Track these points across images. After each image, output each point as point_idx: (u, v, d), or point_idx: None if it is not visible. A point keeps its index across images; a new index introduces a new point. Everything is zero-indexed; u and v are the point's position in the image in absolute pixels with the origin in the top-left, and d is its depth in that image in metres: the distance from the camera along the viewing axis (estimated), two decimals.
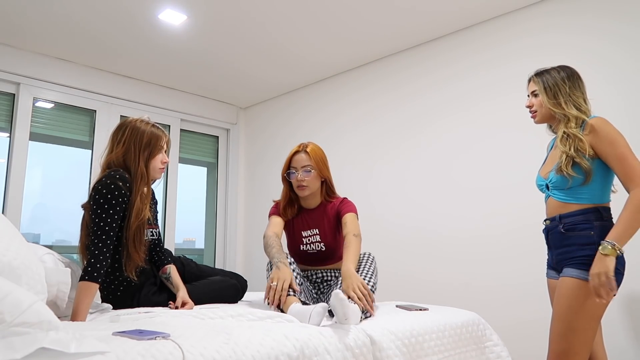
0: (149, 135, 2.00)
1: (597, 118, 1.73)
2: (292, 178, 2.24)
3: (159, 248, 2.16)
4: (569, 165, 1.70)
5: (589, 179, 1.69)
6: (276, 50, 3.50)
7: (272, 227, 2.23)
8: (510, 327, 2.60)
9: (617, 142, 1.66)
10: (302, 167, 2.22)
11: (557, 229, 1.77)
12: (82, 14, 2.99)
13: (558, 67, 1.86)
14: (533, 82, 1.89)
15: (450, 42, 3.23)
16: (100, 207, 1.78)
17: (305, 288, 2.06)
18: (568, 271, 1.70)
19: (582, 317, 1.63)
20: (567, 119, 1.76)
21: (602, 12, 2.58)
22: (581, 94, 1.81)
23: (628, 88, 2.46)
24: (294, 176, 2.23)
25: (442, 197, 3.14)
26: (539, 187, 1.90)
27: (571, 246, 1.72)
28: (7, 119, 3.46)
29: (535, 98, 1.87)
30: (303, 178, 2.20)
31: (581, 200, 1.72)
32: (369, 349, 1.52)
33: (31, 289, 1.35)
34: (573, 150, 1.69)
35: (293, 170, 2.23)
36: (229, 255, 4.53)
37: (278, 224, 2.26)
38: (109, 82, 3.87)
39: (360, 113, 3.73)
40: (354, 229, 2.11)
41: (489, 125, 2.97)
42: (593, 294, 1.59)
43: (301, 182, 2.20)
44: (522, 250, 2.71)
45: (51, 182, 3.80)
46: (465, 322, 1.94)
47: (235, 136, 4.75)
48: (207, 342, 1.21)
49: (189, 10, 2.98)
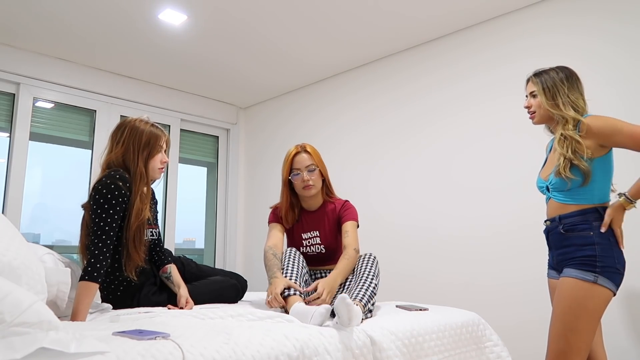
0: (148, 135, 1.99)
1: (589, 117, 1.73)
2: (296, 179, 2.23)
3: (159, 248, 2.16)
4: (567, 168, 1.70)
5: (587, 180, 1.69)
6: (276, 49, 3.50)
7: (272, 239, 2.23)
8: (510, 327, 2.60)
9: (617, 127, 1.67)
10: (305, 167, 2.21)
11: (557, 230, 1.78)
12: (82, 14, 2.99)
13: (556, 68, 1.86)
14: (532, 82, 1.89)
15: (450, 42, 3.23)
16: (100, 207, 1.78)
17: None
18: (568, 271, 1.71)
19: (581, 317, 1.64)
20: (565, 120, 1.76)
21: (602, 12, 2.58)
22: (580, 95, 1.81)
23: (628, 88, 2.45)
24: (298, 177, 2.22)
25: (442, 197, 3.13)
26: (539, 189, 1.91)
27: (571, 247, 1.72)
28: (7, 119, 3.46)
29: (534, 99, 1.87)
30: (309, 177, 2.20)
31: (580, 201, 1.73)
32: (369, 349, 1.52)
33: (31, 289, 1.35)
34: (571, 153, 1.70)
35: (296, 172, 2.22)
36: (229, 255, 4.53)
37: (278, 234, 2.26)
38: (109, 82, 3.87)
39: (360, 113, 3.73)
40: (355, 241, 2.13)
41: (489, 125, 2.97)
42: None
43: (307, 182, 2.20)
44: (522, 250, 2.71)
45: (51, 182, 3.80)
46: (465, 322, 1.94)
47: (235, 136, 4.75)
48: (207, 342, 1.21)
49: (189, 11, 2.98)
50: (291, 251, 2.13)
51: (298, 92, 4.28)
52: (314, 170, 2.22)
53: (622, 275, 1.67)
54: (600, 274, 1.64)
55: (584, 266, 1.66)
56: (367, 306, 1.81)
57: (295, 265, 2.04)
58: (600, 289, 1.63)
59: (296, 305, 1.74)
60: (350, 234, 2.15)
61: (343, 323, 1.55)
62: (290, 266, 2.03)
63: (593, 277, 1.64)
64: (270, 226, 2.32)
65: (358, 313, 1.63)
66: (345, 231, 2.16)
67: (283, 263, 2.06)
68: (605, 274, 1.64)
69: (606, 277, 1.64)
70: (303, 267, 2.07)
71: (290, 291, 1.87)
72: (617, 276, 1.66)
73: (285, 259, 2.09)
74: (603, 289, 1.63)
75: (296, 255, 2.10)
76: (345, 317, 1.53)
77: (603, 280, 1.63)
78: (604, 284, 1.63)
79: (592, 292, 1.63)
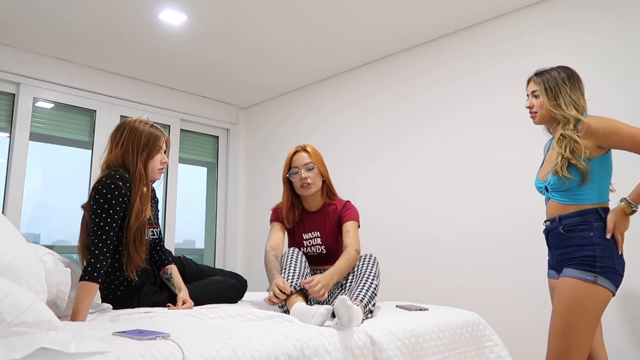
0: (147, 136, 1.99)
1: (589, 117, 1.73)
2: (295, 178, 2.23)
3: (160, 248, 2.16)
4: (564, 167, 1.70)
5: (585, 179, 1.69)
6: (276, 49, 3.50)
7: (273, 238, 2.22)
8: (510, 330, 2.60)
9: (617, 128, 1.67)
10: (303, 165, 2.22)
11: (556, 230, 1.78)
12: (82, 14, 2.99)
13: (558, 68, 1.85)
14: (533, 82, 1.89)
15: (449, 41, 3.23)
16: (101, 207, 1.78)
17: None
18: (568, 271, 1.71)
19: (581, 316, 1.64)
20: (567, 120, 1.76)
21: (603, 9, 2.57)
22: (581, 95, 1.81)
23: (631, 86, 2.44)
24: (296, 176, 2.22)
25: (442, 198, 3.13)
26: (538, 189, 1.91)
27: (571, 247, 1.73)
28: (7, 119, 3.46)
29: (536, 99, 1.86)
30: (307, 175, 2.20)
31: (580, 202, 1.72)
32: (369, 349, 1.52)
33: (31, 289, 1.35)
34: (569, 152, 1.70)
35: (295, 170, 2.23)
36: (229, 255, 4.53)
37: (279, 234, 2.25)
38: (109, 82, 3.87)
39: (360, 111, 3.72)
40: (356, 242, 2.12)
41: (490, 125, 2.96)
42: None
43: (305, 180, 2.20)
44: (523, 254, 2.70)
45: (51, 182, 3.80)
46: (465, 322, 1.94)
47: (235, 136, 4.75)
48: (207, 342, 1.21)
49: (189, 11, 2.98)
50: (293, 251, 2.12)
51: (298, 92, 4.28)
52: (313, 169, 2.22)
53: (621, 276, 1.67)
54: (600, 274, 1.64)
55: (583, 266, 1.66)
56: (367, 306, 1.81)
57: (298, 266, 2.03)
58: (599, 289, 1.63)
59: (297, 305, 1.74)
60: (352, 234, 2.15)
61: (343, 324, 1.55)
62: (292, 266, 2.03)
63: (593, 277, 1.64)
64: (272, 225, 2.31)
65: (358, 314, 1.63)
66: (347, 231, 2.16)
67: (285, 263, 2.06)
68: (604, 274, 1.64)
69: (606, 278, 1.64)
70: (305, 267, 2.07)
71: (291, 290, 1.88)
72: (617, 277, 1.66)
73: (287, 259, 2.08)
74: (602, 289, 1.64)
75: (298, 256, 2.10)
76: (345, 318, 1.53)
77: (602, 280, 1.64)
78: (604, 284, 1.63)
79: (591, 292, 1.63)
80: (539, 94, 1.84)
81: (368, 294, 1.85)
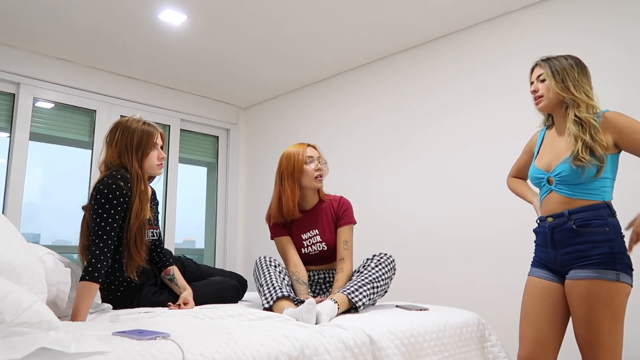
0: (139, 134, 1.98)
1: (612, 112, 1.64)
2: (310, 167, 2.19)
3: (160, 249, 2.16)
4: (586, 151, 1.57)
5: (601, 171, 1.59)
6: (276, 50, 3.50)
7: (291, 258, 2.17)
8: (510, 326, 2.59)
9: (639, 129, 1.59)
10: (317, 157, 2.25)
11: (566, 226, 1.64)
12: (82, 14, 2.99)
13: (565, 55, 1.76)
14: (539, 66, 1.77)
15: (451, 41, 3.23)
16: (102, 206, 1.78)
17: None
18: (581, 273, 1.59)
19: (609, 317, 1.56)
20: (577, 104, 1.65)
21: (602, 13, 2.58)
22: (588, 83, 1.72)
23: (628, 89, 2.45)
24: (313, 165, 2.20)
25: (443, 197, 3.13)
26: (534, 181, 1.79)
27: (585, 244, 1.60)
28: (7, 119, 3.47)
29: (542, 83, 1.75)
30: (322, 167, 2.23)
31: (591, 196, 1.62)
32: (368, 348, 1.52)
33: (31, 289, 1.35)
34: (589, 137, 1.58)
35: (311, 159, 2.22)
36: (229, 255, 4.53)
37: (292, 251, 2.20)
38: (109, 82, 3.87)
39: (361, 113, 3.72)
40: (352, 255, 2.16)
41: (490, 125, 2.97)
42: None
43: (320, 172, 2.22)
44: (523, 250, 2.69)
45: (51, 182, 3.80)
46: (465, 322, 1.94)
47: (235, 136, 4.75)
48: (207, 342, 1.21)
49: (189, 10, 2.98)
50: (262, 264, 2.07)
51: (298, 92, 4.28)
52: (325, 164, 2.26)
53: (633, 270, 1.61)
54: (621, 271, 1.56)
55: (603, 265, 1.57)
56: (353, 299, 1.85)
57: (275, 279, 1.98)
58: (622, 285, 1.56)
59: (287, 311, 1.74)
60: (349, 246, 2.17)
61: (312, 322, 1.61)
62: (271, 282, 1.96)
63: (615, 275, 1.55)
64: (279, 241, 2.24)
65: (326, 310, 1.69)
66: (345, 240, 2.17)
67: (262, 280, 2.00)
68: (624, 270, 1.57)
69: (625, 273, 1.57)
70: (284, 274, 2.08)
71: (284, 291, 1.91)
72: (631, 270, 1.59)
73: (261, 276, 2.02)
74: (625, 285, 1.57)
75: (269, 267, 2.05)
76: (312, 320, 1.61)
77: (624, 276, 1.56)
78: (625, 280, 1.57)
79: (615, 290, 1.56)
80: (546, 77, 1.72)
81: (360, 289, 1.89)
